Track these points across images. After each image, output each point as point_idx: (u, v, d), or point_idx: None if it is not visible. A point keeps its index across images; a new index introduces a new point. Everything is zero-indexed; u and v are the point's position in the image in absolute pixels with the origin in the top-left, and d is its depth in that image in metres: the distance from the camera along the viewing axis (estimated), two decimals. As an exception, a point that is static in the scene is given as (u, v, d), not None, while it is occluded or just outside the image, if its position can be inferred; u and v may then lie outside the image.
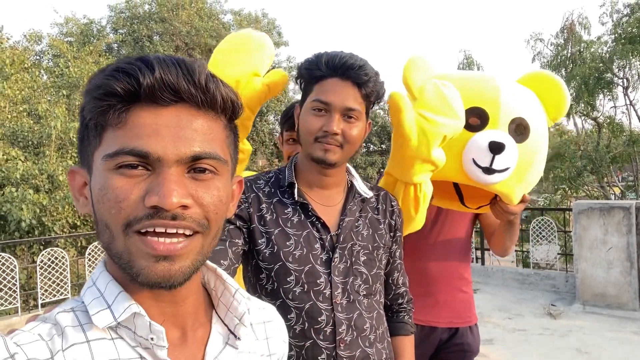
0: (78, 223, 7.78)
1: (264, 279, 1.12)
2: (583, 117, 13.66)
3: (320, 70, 1.12)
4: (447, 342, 1.80)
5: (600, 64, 12.38)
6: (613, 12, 12.83)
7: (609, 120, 12.76)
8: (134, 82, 0.50)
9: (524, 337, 4.41)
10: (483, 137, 1.42)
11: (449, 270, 1.82)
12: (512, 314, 5.09)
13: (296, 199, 1.14)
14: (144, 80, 0.50)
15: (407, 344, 1.29)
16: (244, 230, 1.12)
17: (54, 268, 5.38)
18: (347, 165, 1.24)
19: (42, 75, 11.97)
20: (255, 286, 1.14)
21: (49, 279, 5.35)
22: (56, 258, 5.41)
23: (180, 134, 0.52)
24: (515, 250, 7.30)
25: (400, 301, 1.31)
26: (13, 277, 5.06)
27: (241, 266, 1.20)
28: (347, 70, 1.10)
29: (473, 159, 1.41)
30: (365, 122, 1.17)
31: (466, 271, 1.87)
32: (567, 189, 13.31)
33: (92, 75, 0.54)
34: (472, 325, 1.84)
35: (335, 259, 1.12)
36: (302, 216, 1.14)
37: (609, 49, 12.73)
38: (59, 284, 5.41)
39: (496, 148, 1.39)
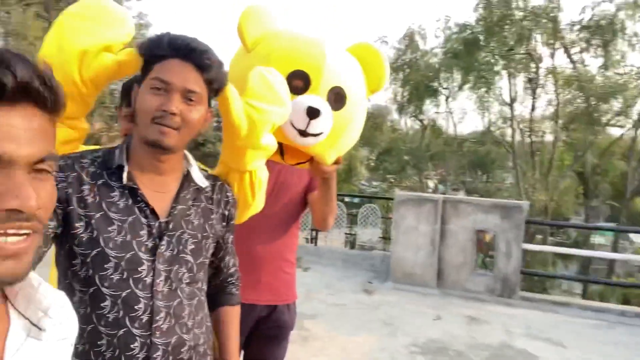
0: None
1: (77, 265, 1.07)
2: (412, 118, 15.49)
3: (162, 49, 1.09)
4: (265, 319, 1.91)
5: (431, 73, 14.12)
6: (445, 28, 14.71)
7: (432, 124, 14.71)
8: None
9: (342, 311, 4.91)
10: (302, 101, 1.51)
11: (273, 252, 1.92)
12: (335, 290, 5.60)
13: (125, 182, 1.10)
14: (8, 82, 0.50)
15: (234, 314, 1.35)
16: (59, 212, 1.05)
17: None
18: (186, 152, 1.22)
19: None
20: (67, 272, 1.09)
21: None
22: None
23: (28, 135, 0.52)
24: (345, 233, 8.02)
25: (230, 279, 1.37)
26: None
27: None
28: (190, 52, 1.09)
29: (291, 121, 1.50)
30: (207, 108, 1.16)
31: (290, 254, 2.00)
32: (393, 180, 15.04)
33: None
34: (289, 303, 1.98)
35: (162, 247, 1.10)
36: (130, 201, 1.10)
37: (438, 61, 14.58)
38: None
39: (312, 113, 1.49)
